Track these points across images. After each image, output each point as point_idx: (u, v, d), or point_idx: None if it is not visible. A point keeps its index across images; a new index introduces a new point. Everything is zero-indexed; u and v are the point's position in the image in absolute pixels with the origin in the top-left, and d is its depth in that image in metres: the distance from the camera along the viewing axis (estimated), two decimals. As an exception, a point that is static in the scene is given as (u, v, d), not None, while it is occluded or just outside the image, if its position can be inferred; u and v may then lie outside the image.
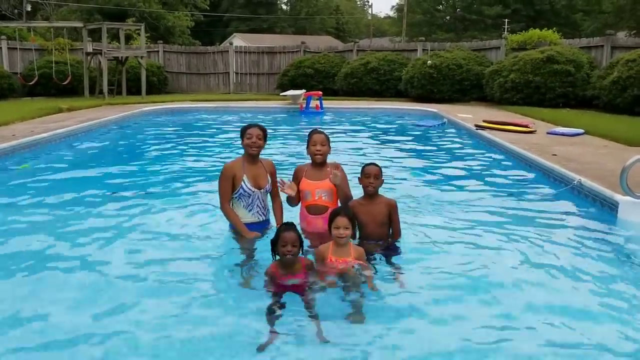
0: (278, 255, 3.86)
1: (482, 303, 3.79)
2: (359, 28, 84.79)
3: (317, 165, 4.77)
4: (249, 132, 4.75)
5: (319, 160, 4.75)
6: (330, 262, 4.02)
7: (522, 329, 3.44)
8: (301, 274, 3.88)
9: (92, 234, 5.14)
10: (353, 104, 18.38)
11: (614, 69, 15.21)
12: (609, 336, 3.36)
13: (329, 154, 4.81)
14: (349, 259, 4.01)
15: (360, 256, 4.09)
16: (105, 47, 20.31)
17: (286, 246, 3.77)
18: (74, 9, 40.25)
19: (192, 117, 16.18)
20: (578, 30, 42.76)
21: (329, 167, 4.73)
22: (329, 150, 4.78)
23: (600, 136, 10.64)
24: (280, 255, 3.83)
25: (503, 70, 17.73)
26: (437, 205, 6.22)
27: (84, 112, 15.17)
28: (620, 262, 4.63)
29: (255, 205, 4.80)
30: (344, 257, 4.02)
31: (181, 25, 44.47)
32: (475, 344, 3.27)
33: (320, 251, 4.12)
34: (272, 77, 24.76)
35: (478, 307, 3.74)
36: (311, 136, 4.78)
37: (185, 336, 3.32)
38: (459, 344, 3.27)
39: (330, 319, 3.49)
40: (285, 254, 3.79)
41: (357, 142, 11.17)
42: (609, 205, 5.86)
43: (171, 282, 4.07)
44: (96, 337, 3.30)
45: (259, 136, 4.74)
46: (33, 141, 9.98)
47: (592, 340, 3.31)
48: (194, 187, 7.17)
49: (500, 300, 3.83)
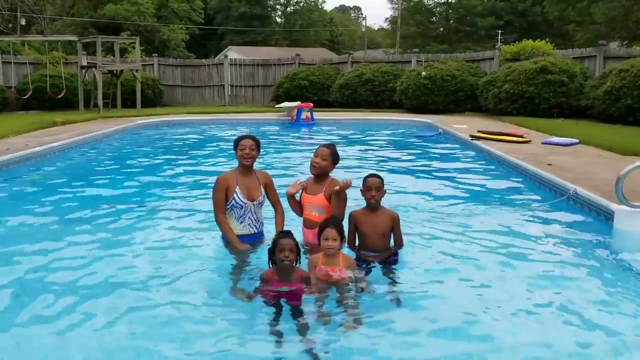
0: (275, 263, 3.85)
1: (476, 312, 3.76)
2: (353, 40, 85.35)
3: (316, 179, 4.77)
4: (242, 143, 4.75)
5: (313, 172, 4.74)
6: (320, 270, 4.03)
7: (516, 336, 3.41)
8: (296, 284, 3.86)
9: (86, 246, 5.10)
10: (348, 116, 18.43)
11: (607, 79, 15.30)
12: (604, 346, 3.33)
13: (330, 170, 4.79)
14: (338, 268, 4.03)
15: (350, 265, 4.11)
16: (100, 61, 20.33)
17: (283, 252, 3.77)
18: (68, 23, 40.37)
19: (187, 129, 16.17)
20: (571, 41, 43.08)
21: (327, 182, 4.70)
22: (327, 165, 4.73)
23: (594, 146, 10.67)
24: (277, 262, 3.82)
25: (497, 80, 17.81)
26: (432, 216, 6.20)
27: (79, 126, 15.13)
28: (616, 271, 4.61)
29: (247, 218, 4.79)
30: (333, 267, 4.04)
31: (176, 39, 44.71)
32: (468, 352, 3.25)
33: (311, 260, 4.15)
34: (267, 90, 24.82)
35: (472, 316, 3.71)
36: (318, 148, 4.80)
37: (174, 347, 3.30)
38: (453, 353, 3.25)
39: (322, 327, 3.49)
40: (282, 260, 3.78)
41: (351, 152, 11.18)
42: (605, 214, 5.86)
43: (162, 293, 4.03)
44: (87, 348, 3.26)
45: (252, 147, 4.74)
46: (27, 155, 9.93)
47: (588, 350, 3.29)
48: (189, 199, 7.15)
49: (495, 309, 3.80)
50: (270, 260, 3.91)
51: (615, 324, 3.61)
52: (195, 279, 4.35)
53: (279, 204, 4.97)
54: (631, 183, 5.72)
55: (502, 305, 3.88)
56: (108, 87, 21.16)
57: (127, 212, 6.49)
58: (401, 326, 3.57)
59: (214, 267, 4.58)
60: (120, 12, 38.89)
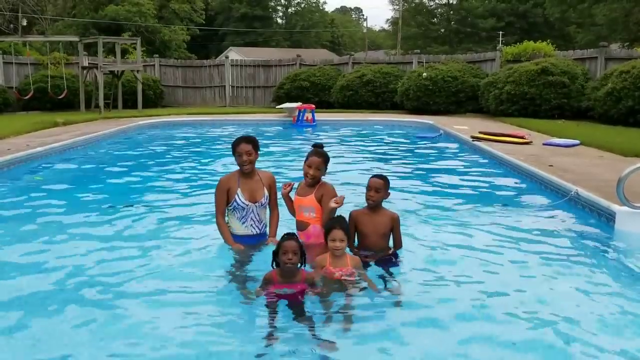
0: (279, 265, 3.85)
1: (477, 312, 3.77)
2: (354, 41, 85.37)
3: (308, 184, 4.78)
4: (237, 150, 4.72)
5: (308, 184, 4.74)
6: (329, 271, 4.04)
7: (516, 338, 3.41)
8: (300, 285, 3.85)
9: (88, 247, 5.09)
10: (348, 117, 18.43)
11: (608, 80, 15.29)
12: (605, 348, 3.32)
13: (323, 175, 4.78)
14: (345, 268, 4.05)
15: (357, 265, 4.14)
16: (101, 61, 20.35)
17: (287, 254, 3.76)
18: (69, 24, 40.40)
19: (188, 130, 16.18)
20: (572, 43, 43.14)
21: (319, 185, 4.70)
22: (320, 173, 4.71)
23: (595, 147, 10.67)
24: (281, 264, 3.82)
25: (498, 82, 17.81)
26: (432, 217, 6.20)
27: (80, 126, 15.15)
28: (618, 272, 4.61)
29: (249, 218, 4.78)
30: (340, 267, 4.06)
31: (177, 39, 44.72)
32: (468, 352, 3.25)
33: (318, 262, 4.14)
34: (268, 90, 24.82)
35: (473, 316, 3.72)
36: (309, 156, 4.74)
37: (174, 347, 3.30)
38: (453, 353, 3.25)
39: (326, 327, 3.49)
40: (285, 263, 3.78)
41: (351, 154, 11.18)
42: (606, 215, 5.85)
43: (165, 293, 4.04)
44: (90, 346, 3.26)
45: (248, 152, 4.70)
46: (28, 155, 9.94)
47: (588, 352, 3.28)
48: (190, 199, 7.15)
49: (495, 310, 3.80)
50: (274, 262, 3.90)
51: (616, 325, 3.61)
52: (196, 279, 4.35)
53: (276, 207, 4.98)
54: (632, 184, 5.72)
55: (503, 306, 3.87)
56: (109, 87, 21.18)
57: (128, 212, 6.49)
58: (402, 326, 3.57)
59: (214, 268, 4.58)
60: (122, 12, 38.93)
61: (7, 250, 5.08)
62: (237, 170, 4.85)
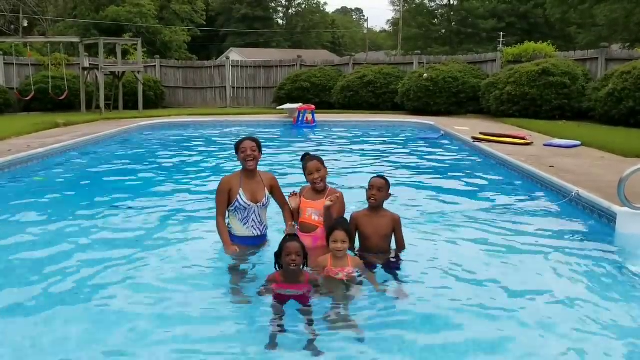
0: (282, 266, 3.84)
1: (478, 312, 3.77)
2: (355, 42, 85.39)
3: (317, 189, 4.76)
4: (242, 146, 4.74)
5: (320, 188, 4.70)
6: (331, 271, 4.04)
7: (517, 340, 3.41)
8: (303, 286, 3.85)
9: (88, 247, 5.11)
10: (349, 117, 18.43)
11: (609, 81, 15.29)
12: (606, 349, 3.32)
13: (327, 175, 4.77)
14: (347, 269, 4.04)
15: (359, 266, 4.14)
16: (102, 62, 20.36)
17: (290, 255, 3.75)
18: (70, 25, 40.44)
19: (189, 131, 16.19)
20: (572, 43, 43.12)
21: (328, 192, 4.68)
22: (326, 172, 4.72)
23: (596, 148, 10.67)
24: (284, 266, 3.81)
25: (499, 82, 17.81)
26: (433, 217, 6.20)
27: (81, 127, 15.16)
28: (619, 273, 4.60)
29: (250, 219, 4.78)
30: (342, 268, 4.06)
31: (178, 40, 44.76)
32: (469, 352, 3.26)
33: (320, 262, 4.14)
34: (268, 91, 24.82)
35: (476, 318, 3.71)
36: (305, 165, 4.72)
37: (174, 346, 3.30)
38: (453, 352, 3.25)
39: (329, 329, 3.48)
40: (289, 264, 3.77)
41: (351, 155, 11.18)
42: (607, 216, 5.84)
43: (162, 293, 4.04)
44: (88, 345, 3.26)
45: (252, 148, 4.73)
46: (29, 156, 9.94)
47: (588, 352, 3.28)
48: (190, 199, 7.15)
49: (495, 310, 3.80)
50: (277, 264, 3.89)
51: (617, 326, 3.61)
52: (197, 279, 4.36)
53: (286, 204, 4.92)
54: (633, 185, 5.71)
55: (503, 306, 3.87)
56: (110, 88, 21.19)
57: (129, 212, 6.50)
58: (402, 327, 3.56)
59: (215, 268, 4.59)
60: (122, 13, 38.98)
61: (7, 250, 5.08)
62: (239, 171, 4.86)
